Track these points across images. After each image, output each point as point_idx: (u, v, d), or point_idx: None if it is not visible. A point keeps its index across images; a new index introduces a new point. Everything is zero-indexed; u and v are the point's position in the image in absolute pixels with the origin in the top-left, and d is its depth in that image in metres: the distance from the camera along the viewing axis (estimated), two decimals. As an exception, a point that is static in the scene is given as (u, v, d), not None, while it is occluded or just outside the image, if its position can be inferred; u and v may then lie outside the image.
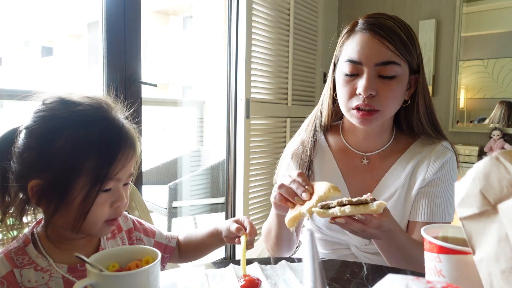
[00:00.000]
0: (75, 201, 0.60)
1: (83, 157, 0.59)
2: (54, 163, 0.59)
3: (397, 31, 0.83)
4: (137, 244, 0.79)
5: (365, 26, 0.85)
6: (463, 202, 0.45)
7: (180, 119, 4.33)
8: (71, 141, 0.59)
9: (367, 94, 0.82)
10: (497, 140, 2.54)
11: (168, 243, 0.83)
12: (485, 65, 2.73)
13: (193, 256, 0.87)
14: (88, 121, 0.61)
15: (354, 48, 0.85)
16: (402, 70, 0.84)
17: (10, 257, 0.61)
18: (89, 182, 0.59)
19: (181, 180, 2.97)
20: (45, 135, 0.59)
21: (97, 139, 0.60)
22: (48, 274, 0.62)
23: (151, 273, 0.53)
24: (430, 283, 0.33)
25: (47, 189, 0.59)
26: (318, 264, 0.34)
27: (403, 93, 0.88)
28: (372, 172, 0.94)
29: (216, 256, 2.40)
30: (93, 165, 0.59)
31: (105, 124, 0.62)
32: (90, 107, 0.62)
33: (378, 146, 0.95)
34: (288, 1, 2.44)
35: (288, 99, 2.51)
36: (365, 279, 0.70)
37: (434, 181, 0.90)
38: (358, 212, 0.67)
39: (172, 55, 8.10)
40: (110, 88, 1.55)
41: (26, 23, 9.83)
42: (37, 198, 0.60)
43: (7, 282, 0.59)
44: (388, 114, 0.87)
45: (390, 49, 0.82)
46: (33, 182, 0.59)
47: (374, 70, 0.83)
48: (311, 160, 0.97)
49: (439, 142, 0.93)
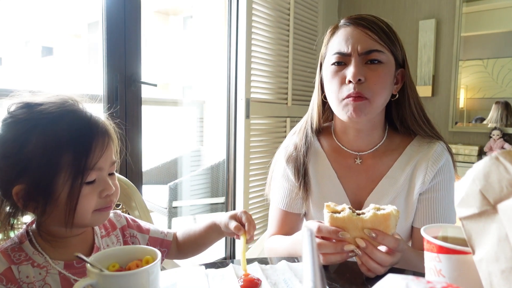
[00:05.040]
0: (60, 198, 0.60)
1: (57, 153, 0.59)
2: (31, 165, 0.59)
3: (378, 23, 0.87)
4: (131, 241, 0.79)
5: (347, 22, 0.89)
6: (463, 202, 0.45)
7: (180, 119, 4.33)
8: (41, 141, 0.59)
9: (356, 80, 0.83)
10: (496, 140, 2.54)
11: (165, 237, 0.83)
12: (485, 65, 2.73)
13: (192, 251, 0.86)
14: (54, 117, 0.61)
15: (340, 41, 0.88)
16: (387, 58, 0.86)
17: (7, 254, 0.62)
18: (70, 177, 0.59)
19: (181, 180, 2.97)
20: (15, 141, 0.60)
21: (66, 133, 0.60)
22: (45, 270, 0.62)
23: (151, 273, 0.53)
24: (430, 283, 0.33)
25: (31, 191, 0.60)
26: (318, 264, 0.34)
27: (390, 83, 0.88)
28: (367, 173, 0.94)
29: (216, 256, 2.40)
30: (70, 159, 0.59)
31: (72, 117, 0.62)
32: (53, 104, 0.62)
33: (370, 145, 0.95)
34: (288, 1, 2.44)
35: (288, 99, 2.51)
36: (365, 279, 0.70)
37: (434, 186, 0.89)
38: (377, 220, 0.67)
39: (172, 55, 8.10)
40: (110, 88, 1.55)
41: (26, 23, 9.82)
42: (23, 202, 0.61)
43: (5, 278, 0.60)
44: (377, 104, 0.86)
45: (373, 38, 0.85)
46: (16, 188, 0.60)
47: (361, 58, 0.85)
48: (305, 166, 0.97)
49: (435, 142, 0.92)
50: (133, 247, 0.65)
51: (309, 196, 0.97)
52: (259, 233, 2.36)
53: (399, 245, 0.68)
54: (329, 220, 0.70)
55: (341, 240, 0.69)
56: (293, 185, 0.99)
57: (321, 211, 0.96)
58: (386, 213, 0.67)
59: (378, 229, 0.67)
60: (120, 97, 1.58)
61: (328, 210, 0.71)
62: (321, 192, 0.96)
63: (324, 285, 0.32)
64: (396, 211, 0.67)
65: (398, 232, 0.77)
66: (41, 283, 0.62)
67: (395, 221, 0.68)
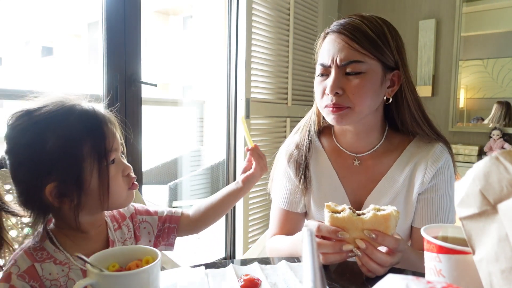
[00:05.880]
0: (92, 185, 0.64)
1: (76, 144, 0.62)
2: (55, 163, 0.61)
3: (363, 29, 0.85)
4: (143, 226, 0.81)
5: (333, 29, 0.89)
6: (463, 202, 0.45)
7: (180, 119, 4.33)
8: (58, 137, 0.61)
9: (333, 93, 0.85)
10: (496, 140, 2.54)
11: (173, 214, 0.85)
12: (484, 65, 2.73)
13: (208, 220, 0.88)
14: (61, 114, 0.63)
15: (323, 52, 0.89)
16: (369, 67, 0.85)
17: (30, 253, 0.64)
18: (95, 162, 0.64)
19: (181, 180, 2.97)
20: (31, 145, 0.61)
21: (79, 125, 0.64)
22: (67, 266, 0.65)
23: (151, 273, 0.53)
24: (430, 283, 0.33)
25: (62, 187, 0.62)
26: (318, 264, 0.34)
27: (375, 90, 0.87)
28: (367, 173, 0.94)
29: (216, 256, 2.40)
30: (89, 147, 0.63)
31: (78, 111, 0.65)
32: (55, 104, 0.64)
33: (368, 146, 0.95)
34: (288, 1, 2.44)
35: (288, 99, 2.51)
36: (365, 279, 0.70)
37: (434, 187, 0.89)
38: (377, 220, 0.67)
39: (172, 55, 8.10)
40: (110, 88, 1.55)
41: (26, 23, 9.82)
42: (58, 200, 0.63)
43: (28, 276, 0.62)
44: (361, 111, 0.86)
45: (353, 47, 0.84)
46: (48, 187, 0.62)
47: (341, 69, 0.86)
48: (307, 161, 0.98)
49: (436, 143, 0.92)
50: (133, 247, 0.66)
51: (309, 192, 0.98)
52: (260, 232, 2.36)
53: (399, 245, 0.68)
54: (329, 220, 0.70)
55: (341, 240, 0.69)
56: (294, 184, 0.99)
57: (322, 210, 0.96)
58: (386, 213, 0.67)
59: (378, 230, 0.67)
60: (120, 97, 1.58)
61: (328, 210, 0.72)
62: (321, 191, 0.97)
63: (324, 285, 0.32)
64: (396, 212, 0.67)
65: (397, 232, 0.77)
66: (65, 279, 0.65)
67: (395, 222, 0.68)
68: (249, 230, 2.30)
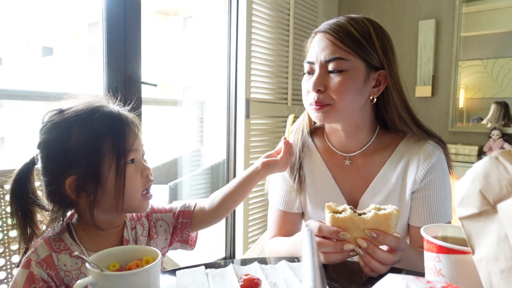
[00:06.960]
0: (108, 181, 0.67)
1: (98, 141, 0.66)
2: (77, 157, 0.66)
3: (347, 29, 0.87)
4: (159, 224, 0.82)
5: (320, 28, 0.91)
6: (462, 202, 0.45)
7: (180, 119, 4.33)
8: (82, 133, 0.66)
9: (315, 90, 0.87)
10: (496, 140, 2.54)
11: (185, 208, 0.86)
12: (484, 65, 2.74)
13: (226, 208, 0.87)
14: (87, 113, 0.68)
15: (310, 50, 0.92)
16: (352, 65, 0.86)
17: (49, 242, 0.68)
18: (113, 160, 0.67)
19: (181, 180, 2.97)
20: (58, 140, 0.66)
21: (102, 124, 0.68)
22: (81, 260, 0.68)
23: (151, 273, 0.53)
24: (430, 283, 0.33)
25: (82, 180, 0.66)
26: (318, 264, 0.34)
27: (357, 88, 0.87)
28: (359, 172, 0.95)
29: (216, 256, 2.40)
30: (110, 145, 0.67)
31: (103, 111, 0.70)
32: (85, 103, 0.70)
33: (358, 145, 0.95)
34: (288, 1, 2.44)
35: (288, 99, 2.51)
36: (365, 279, 0.70)
37: (428, 184, 0.89)
38: (378, 220, 0.67)
39: (172, 55, 8.10)
40: (110, 88, 1.55)
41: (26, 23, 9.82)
42: (76, 193, 0.67)
43: (46, 264, 0.66)
44: (342, 108, 0.87)
45: (337, 45, 0.86)
46: (68, 180, 0.66)
47: (324, 67, 0.87)
48: (300, 161, 0.99)
49: (426, 140, 0.92)
50: (133, 247, 0.66)
51: (304, 192, 0.99)
52: (260, 232, 2.36)
53: (400, 243, 0.69)
54: (330, 220, 0.70)
55: (342, 240, 0.70)
56: (289, 184, 1.00)
57: (317, 209, 0.97)
58: (387, 212, 0.68)
59: (379, 229, 0.68)
60: (120, 97, 1.58)
61: (329, 210, 0.72)
62: (316, 190, 0.97)
63: (324, 285, 0.32)
64: (396, 211, 0.68)
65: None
66: (77, 272, 0.68)
67: (396, 221, 0.68)
68: (249, 230, 2.30)
